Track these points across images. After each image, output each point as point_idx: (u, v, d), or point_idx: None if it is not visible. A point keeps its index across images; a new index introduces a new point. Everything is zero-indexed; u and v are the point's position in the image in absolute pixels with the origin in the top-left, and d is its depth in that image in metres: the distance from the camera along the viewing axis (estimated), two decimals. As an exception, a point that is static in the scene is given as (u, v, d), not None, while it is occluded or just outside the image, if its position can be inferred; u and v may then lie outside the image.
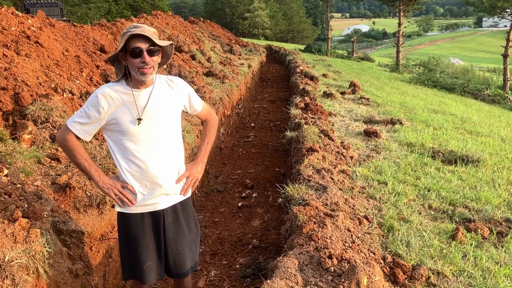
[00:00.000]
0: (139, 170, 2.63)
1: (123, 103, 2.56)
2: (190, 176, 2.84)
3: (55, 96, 4.72)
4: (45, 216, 3.05)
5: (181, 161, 2.81)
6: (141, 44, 2.46)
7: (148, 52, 2.48)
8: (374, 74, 18.89)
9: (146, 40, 2.48)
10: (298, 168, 4.49)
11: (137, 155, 2.61)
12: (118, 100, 2.55)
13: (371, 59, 34.09)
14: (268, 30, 55.10)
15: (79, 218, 3.34)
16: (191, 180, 2.85)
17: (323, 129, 5.90)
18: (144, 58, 2.46)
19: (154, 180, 2.66)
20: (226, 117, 8.78)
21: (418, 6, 27.01)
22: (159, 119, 2.63)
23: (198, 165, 2.90)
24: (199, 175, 2.90)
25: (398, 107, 9.58)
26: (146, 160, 2.62)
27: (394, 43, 27.33)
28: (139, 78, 2.53)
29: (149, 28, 2.54)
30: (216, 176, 7.09)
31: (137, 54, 2.47)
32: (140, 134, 2.59)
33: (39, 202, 3.16)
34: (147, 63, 2.47)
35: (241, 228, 5.20)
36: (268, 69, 21.85)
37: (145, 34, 2.46)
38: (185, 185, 2.81)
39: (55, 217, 3.13)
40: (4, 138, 3.72)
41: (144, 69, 2.49)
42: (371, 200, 4.16)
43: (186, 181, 2.82)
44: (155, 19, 13.97)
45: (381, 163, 5.20)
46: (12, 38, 6.27)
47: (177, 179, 2.76)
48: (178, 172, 2.78)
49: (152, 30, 2.55)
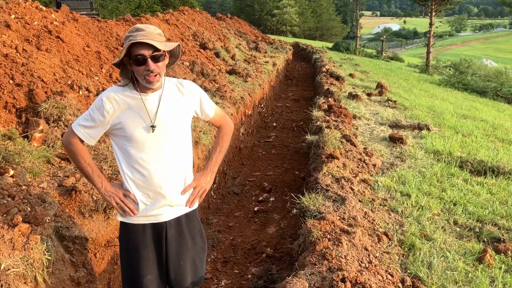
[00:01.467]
0: (142, 179, 2.48)
1: (128, 107, 2.41)
2: (198, 186, 2.67)
3: (70, 93, 4.64)
4: (47, 221, 2.94)
5: (189, 170, 2.64)
6: (144, 51, 2.29)
7: (153, 59, 2.31)
8: (402, 75, 18.40)
9: (150, 46, 2.31)
10: (316, 176, 4.28)
11: (141, 162, 2.45)
12: (124, 104, 2.40)
13: (400, 59, 33.41)
14: (296, 27, 54.66)
15: (84, 223, 3.22)
16: (198, 191, 2.67)
17: (345, 134, 5.66)
18: (148, 66, 2.30)
19: (158, 190, 2.50)
20: (247, 116, 8.61)
21: (451, 6, 26.22)
22: (168, 126, 2.46)
23: (207, 175, 2.72)
24: (207, 186, 2.72)
25: (426, 111, 9.22)
26: (150, 169, 2.46)
27: (425, 43, 26.61)
28: (145, 85, 2.38)
29: (152, 30, 2.36)
30: (234, 177, 6.93)
31: (140, 62, 2.30)
32: (146, 141, 2.43)
33: (43, 206, 3.05)
34: (152, 71, 2.32)
35: (256, 234, 5.03)
36: (294, 67, 21.57)
37: (147, 41, 2.28)
38: (191, 197, 2.64)
39: (58, 222, 3.02)
40: (13, 136, 3.64)
41: (150, 77, 2.33)
42: (392, 214, 3.92)
43: (192, 192, 2.65)
44: (181, 15, 13.89)
45: (406, 173, 4.94)
46: (34, 32, 6.24)
47: (183, 190, 2.60)
48: (185, 182, 2.61)
49: (155, 32, 2.36)
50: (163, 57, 2.37)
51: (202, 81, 8.14)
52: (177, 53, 2.55)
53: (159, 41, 2.34)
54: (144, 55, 2.28)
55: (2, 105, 4.11)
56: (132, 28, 2.35)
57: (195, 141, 5.20)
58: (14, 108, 4.16)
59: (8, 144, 3.58)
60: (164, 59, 2.38)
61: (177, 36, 11.10)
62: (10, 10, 6.48)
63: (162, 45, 2.34)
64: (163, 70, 2.41)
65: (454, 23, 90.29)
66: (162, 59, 2.36)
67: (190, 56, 9.99)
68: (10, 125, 4.01)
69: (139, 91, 2.42)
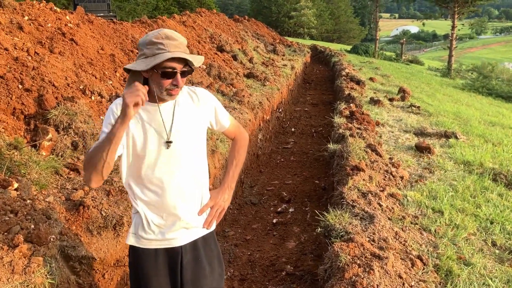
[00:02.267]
0: (155, 199, 2.22)
1: (141, 119, 2.16)
2: (215, 205, 2.41)
3: (81, 99, 4.42)
4: (51, 240, 2.71)
5: (205, 188, 2.38)
6: (176, 64, 2.05)
7: (182, 74, 2.09)
8: (424, 79, 17.95)
9: (182, 59, 2.07)
10: (340, 191, 3.98)
11: (154, 180, 2.20)
12: (136, 116, 2.15)
13: (420, 62, 32.80)
14: (314, 29, 54.22)
15: (91, 241, 2.98)
16: (216, 211, 2.41)
17: (370, 143, 5.35)
18: (177, 81, 2.07)
19: (172, 211, 2.24)
20: (265, 122, 8.34)
21: (474, 8, 25.61)
22: (182, 139, 2.21)
23: (225, 193, 2.46)
24: (225, 204, 2.46)
25: (451, 118, 8.83)
26: (164, 187, 2.21)
27: (446, 46, 26.04)
28: (163, 97, 2.13)
29: (182, 40, 2.11)
30: (252, 186, 6.66)
31: (169, 75, 2.07)
32: (162, 157, 2.18)
33: (47, 223, 2.82)
34: (178, 86, 2.09)
35: (275, 249, 4.75)
36: (312, 70, 21.25)
37: (185, 56, 2.04)
38: (209, 217, 2.38)
39: (64, 241, 2.79)
40: (19, 146, 3.42)
41: (173, 91, 2.10)
42: (425, 233, 3.60)
43: (210, 212, 2.39)
44: (198, 17, 13.69)
45: (436, 186, 4.61)
46: (48, 35, 6.06)
47: (200, 210, 2.34)
48: (201, 201, 2.35)
49: (185, 43, 2.12)
50: (191, 71, 2.15)
51: (219, 85, 7.90)
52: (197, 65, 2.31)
53: (189, 53, 2.11)
54: (175, 69, 2.06)
55: (10, 111, 3.91)
56: (160, 34, 2.07)
57: (212, 150, 4.95)
58: (22, 115, 3.96)
59: (14, 154, 3.36)
60: (190, 74, 2.18)
61: (194, 38, 10.88)
62: (24, 12, 6.32)
63: (197, 62, 2.11)
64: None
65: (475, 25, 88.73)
66: (189, 74, 2.15)
67: (207, 59, 9.76)
68: (18, 133, 3.80)
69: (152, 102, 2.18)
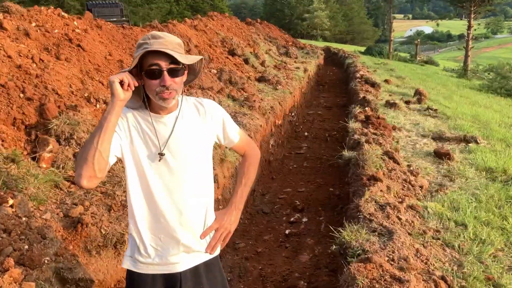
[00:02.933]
0: (153, 219, 2.03)
1: (140, 130, 1.98)
2: (221, 228, 2.19)
3: (85, 107, 4.26)
4: (46, 262, 2.53)
5: (209, 208, 2.17)
6: (160, 61, 1.86)
7: (170, 72, 1.88)
8: (440, 80, 17.56)
9: (168, 57, 1.87)
10: (357, 203, 3.75)
11: (152, 198, 2.00)
12: (135, 125, 1.98)
13: (435, 63, 32.29)
14: (327, 31, 53.79)
15: (90, 262, 2.80)
16: (221, 234, 2.19)
17: (387, 150, 5.11)
18: (164, 81, 1.87)
19: (171, 233, 2.04)
20: (277, 126, 8.12)
21: (491, 7, 25.07)
22: (184, 155, 2.02)
23: (231, 214, 2.24)
24: (232, 227, 2.23)
25: (470, 121, 8.51)
26: (163, 206, 2.01)
27: (462, 46, 25.55)
28: (159, 104, 1.94)
29: (171, 39, 1.93)
30: (263, 194, 6.45)
31: (155, 75, 1.88)
32: (159, 173, 1.99)
33: (42, 243, 2.64)
34: (168, 87, 1.88)
35: (287, 263, 4.52)
36: (326, 72, 20.96)
37: (166, 50, 1.85)
38: (213, 241, 2.16)
39: (60, 262, 2.61)
40: (17, 159, 3.26)
41: (164, 94, 1.89)
42: (448, 249, 3.35)
43: (214, 235, 2.18)
44: (209, 21, 13.54)
45: (457, 196, 4.34)
46: (54, 41, 5.94)
47: (203, 233, 2.13)
48: (205, 223, 2.14)
49: (175, 42, 1.93)
50: (182, 71, 1.94)
51: (230, 90, 7.71)
52: (198, 69, 2.11)
53: (179, 52, 1.91)
54: (160, 67, 1.86)
55: (10, 122, 3.76)
56: (148, 35, 1.92)
57: (221, 159, 4.75)
58: (23, 125, 3.81)
59: (11, 167, 3.20)
60: (183, 74, 1.96)
61: (205, 42, 10.72)
62: (31, 18, 6.21)
63: (183, 57, 1.90)
64: (180, 87, 1.97)
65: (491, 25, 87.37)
66: (181, 74, 1.94)
67: (218, 63, 9.58)
68: (18, 144, 3.65)
69: (150, 111, 1.99)
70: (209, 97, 6.29)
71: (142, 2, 38.87)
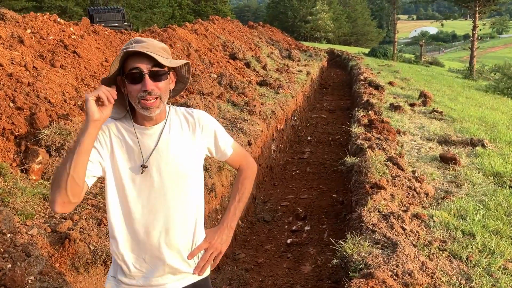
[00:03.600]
0: (135, 238, 1.89)
1: (126, 143, 1.84)
2: (211, 248, 2.04)
3: (77, 116, 4.14)
4: (29, 282, 2.39)
5: (199, 226, 2.02)
6: (141, 64, 1.73)
7: (152, 76, 1.74)
8: (445, 82, 17.35)
9: (150, 60, 1.74)
10: (359, 213, 3.59)
11: (135, 215, 1.86)
12: (119, 138, 1.85)
13: (440, 64, 32.04)
14: (331, 33, 53.65)
15: (77, 280, 2.66)
16: (211, 254, 2.04)
17: (391, 156, 4.94)
18: (145, 85, 1.72)
19: (156, 253, 1.90)
20: (279, 131, 7.97)
21: (496, 7, 24.81)
22: (170, 168, 1.87)
23: (223, 233, 2.09)
24: (223, 247, 2.08)
25: (477, 123, 8.32)
26: (146, 224, 1.87)
27: (468, 46, 25.31)
28: (142, 113, 1.79)
29: (155, 43, 1.79)
30: (265, 202, 6.29)
31: (136, 79, 1.74)
32: (142, 188, 1.85)
33: (27, 262, 2.51)
34: (150, 92, 1.73)
35: (289, 274, 4.37)
36: (329, 75, 20.80)
37: (146, 51, 1.71)
38: (201, 262, 2.02)
39: (45, 281, 2.47)
40: (3, 172, 3.13)
41: (146, 101, 1.74)
42: (455, 261, 3.18)
43: (203, 256, 2.03)
44: (210, 25, 13.44)
45: (464, 203, 4.17)
46: (49, 47, 5.85)
47: (190, 253, 1.98)
48: (193, 242, 1.99)
49: (159, 46, 1.80)
50: (166, 76, 1.80)
51: (230, 95, 7.58)
52: (187, 77, 1.96)
53: (162, 56, 1.78)
54: (140, 70, 1.72)
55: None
56: (130, 40, 1.79)
57: (219, 167, 4.61)
58: (12, 135, 3.69)
59: (-3, 180, 3.08)
60: (166, 79, 1.80)
61: (206, 46, 10.61)
62: (26, 25, 6.12)
63: (166, 60, 1.77)
64: (165, 94, 1.82)
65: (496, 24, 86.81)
66: (164, 78, 1.79)
67: (219, 67, 9.46)
68: (7, 155, 3.53)
69: (134, 123, 1.85)
70: (208, 102, 6.16)
71: (144, 6, 38.92)
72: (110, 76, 1.77)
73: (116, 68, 1.75)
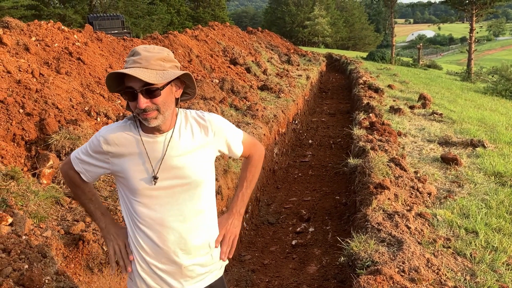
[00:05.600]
0: (152, 244, 1.92)
1: (134, 152, 1.87)
2: (227, 233, 2.12)
3: (85, 121, 4.21)
4: (46, 282, 2.46)
5: (213, 230, 2.07)
6: (133, 83, 1.72)
7: (146, 93, 1.73)
8: (444, 84, 17.46)
9: None
10: (364, 213, 3.66)
11: (150, 223, 1.90)
12: (127, 148, 1.86)
13: (438, 67, 32.21)
14: (329, 37, 53.88)
15: (92, 280, 2.72)
16: (229, 238, 2.12)
17: (393, 157, 5.02)
18: (139, 104, 1.73)
19: (173, 258, 1.94)
20: (281, 135, 8.05)
21: (493, 10, 25.00)
22: (182, 175, 1.89)
23: (234, 218, 2.16)
24: (236, 230, 2.17)
25: (476, 125, 8.41)
26: (162, 231, 1.91)
27: (465, 49, 25.48)
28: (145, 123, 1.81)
29: (152, 54, 1.77)
30: (268, 204, 6.36)
31: (131, 97, 1.75)
32: (155, 196, 1.88)
33: (43, 262, 2.57)
34: (145, 109, 1.74)
35: (295, 275, 4.43)
36: (328, 79, 20.92)
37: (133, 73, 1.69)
38: (224, 246, 2.10)
39: (60, 281, 2.53)
40: (16, 176, 3.20)
41: (146, 114, 1.76)
42: (459, 258, 3.25)
43: (223, 241, 2.10)
44: (210, 31, 13.54)
45: (467, 202, 4.25)
46: (54, 55, 5.92)
47: (216, 241, 2.06)
48: (209, 245, 2.03)
49: (156, 57, 1.77)
50: (159, 92, 1.76)
51: (233, 99, 7.66)
52: (192, 85, 1.95)
53: (157, 69, 1.75)
54: (133, 89, 1.73)
55: (10, 138, 3.71)
56: (131, 51, 1.81)
57: (224, 170, 4.68)
58: (23, 141, 3.76)
59: (11, 184, 3.14)
60: (160, 94, 1.76)
61: (207, 52, 10.70)
62: (31, 33, 6.20)
63: (157, 77, 1.73)
64: (165, 105, 1.79)
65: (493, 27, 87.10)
66: (158, 94, 1.75)
67: (220, 72, 9.55)
68: (18, 160, 3.60)
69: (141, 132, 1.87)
70: (211, 107, 6.24)
71: (143, 13, 39.03)
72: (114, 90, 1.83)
73: (112, 86, 1.79)
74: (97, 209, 2.06)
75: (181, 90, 1.91)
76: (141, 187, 1.87)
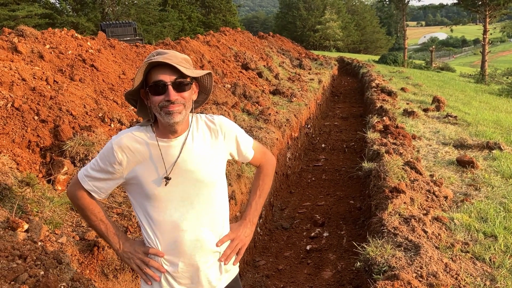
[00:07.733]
0: (169, 248, 1.93)
1: (148, 157, 1.87)
2: (236, 239, 2.09)
3: (99, 127, 4.23)
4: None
5: (225, 227, 2.08)
6: (164, 75, 1.77)
7: (175, 86, 1.78)
8: (458, 87, 17.28)
9: (173, 71, 1.78)
10: (380, 217, 3.62)
11: (165, 226, 1.90)
12: (141, 153, 1.86)
13: (451, 69, 31.91)
14: (340, 41, 53.80)
15: (107, 286, 2.72)
16: (237, 245, 2.09)
17: (408, 160, 4.96)
18: (169, 96, 1.76)
19: (191, 261, 1.94)
20: (294, 139, 8.02)
21: (507, 11, 24.72)
22: (196, 178, 1.90)
23: (246, 227, 2.15)
24: (247, 240, 2.14)
25: (492, 127, 8.29)
26: (178, 235, 1.91)
27: (478, 51, 25.25)
28: (165, 121, 1.81)
29: (177, 54, 1.84)
30: (282, 209, 6.33)
31: (159, 90, 1.77)
32: (169, 199, 1.88)
33: (58, 269, 2.57)
34: (174, 102, 1.77)
35: (310, 280, 4.39)
36: (340, 82, 20.85)
37: (170, 62, 1.75)
38: (228, 250, 2.06)
39: (76, 287, 2.53)
40: (32, 182, 3.22)
41: (170, 107, 1.77)
42: (478, 263, 3.19)
43: (229, 244, 2.07)
44: (222, 36, 13.59)
45: (484, 206, 4.17)
46: (68, 62, 5.98)
47: (220, 240, 2.02)
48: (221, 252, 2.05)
49: (181, 57, 1.84)
50: (189, 86, 1.83)
51: (245, 104, 7.66)
52: (209, 87, 1.99)
53: (185, 66, 1.82)
54: (164, 81, 1.76)
55: (25, 144, 3.74)
56: (153, 52, 1.84)
57: (238, 174, 4.67)
58: (38, 147, 3.78)
59: (26, 191, 3.16)
60: (190, 89, 1.84)
61: (218, 57, 10.73)
62: (45, 40, 6.27)
63: (189, 71, 1.81)
64: (189, 102, 1.85)
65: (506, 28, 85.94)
66: (188, 88, 1.82)
67: (232, 77, 9.56)
68: (33, 167, 3.62)
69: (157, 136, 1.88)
70: (223, 112, 6.24)
71: (155, 20, 39.35)
72: (134, 89, 1.83)
73: (140, 79, 1.79)
74: (109, 230, 2.02)
75: (196, 94, 1.95)
76: (156, 192, 1.87)
